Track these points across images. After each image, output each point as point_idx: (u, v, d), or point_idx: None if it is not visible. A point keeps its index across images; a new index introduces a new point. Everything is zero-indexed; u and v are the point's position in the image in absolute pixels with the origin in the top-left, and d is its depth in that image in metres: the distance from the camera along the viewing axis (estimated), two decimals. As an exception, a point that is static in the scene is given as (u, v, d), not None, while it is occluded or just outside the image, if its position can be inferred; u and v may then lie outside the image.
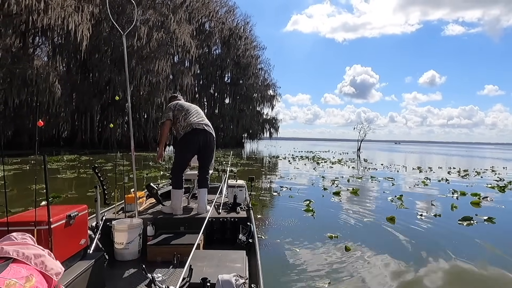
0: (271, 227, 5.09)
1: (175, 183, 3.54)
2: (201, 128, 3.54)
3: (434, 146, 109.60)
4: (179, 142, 3.55)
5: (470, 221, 5.62)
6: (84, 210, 2.25)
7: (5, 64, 20.60)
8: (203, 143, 3.56)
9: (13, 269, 1.26)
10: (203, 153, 3.64)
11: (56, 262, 1.49)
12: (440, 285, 3.14)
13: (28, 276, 1.27)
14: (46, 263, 1.39)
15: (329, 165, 17.90)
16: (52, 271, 1.39)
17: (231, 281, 1.96)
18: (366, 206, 6.90)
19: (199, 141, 3.53)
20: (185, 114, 3.56)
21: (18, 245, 1.41)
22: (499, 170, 17.10)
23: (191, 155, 3.65)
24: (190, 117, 3.56)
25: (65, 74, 26.66)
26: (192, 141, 3.51)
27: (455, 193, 8.60)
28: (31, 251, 1.40)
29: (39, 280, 1.31)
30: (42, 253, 1.43)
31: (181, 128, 3.55)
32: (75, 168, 12.90)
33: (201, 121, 3.60)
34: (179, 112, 3.58)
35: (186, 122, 3.53)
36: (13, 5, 19.75)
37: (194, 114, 3.61)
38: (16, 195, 6.94)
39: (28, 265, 1.33)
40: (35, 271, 1.33)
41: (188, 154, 3.62)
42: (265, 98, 47.67)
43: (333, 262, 3.63)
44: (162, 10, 29.70)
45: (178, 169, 3.57)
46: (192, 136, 3.50)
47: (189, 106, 3.69)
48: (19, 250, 1.36)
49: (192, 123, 3.52)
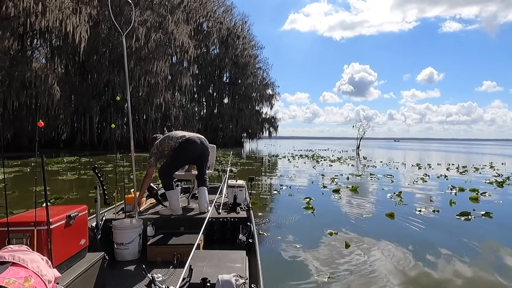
0: (272, 224, 5.12)
1: (166, 185, 3.51)
2: (194, 139, 3.54)
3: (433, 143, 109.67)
4: (175, 150, 3.52)
5: (468, 216, 5.67)
6: (84, 210, 2.26)
7: (4, 67, 20.58)
8: (199, 152, 3.58)
9: (12, 270, 1.28)
10: (201, 160, 3.67)
11: (50, 270, 1.50)
12: (439, 279, 3.17)
13: (27, 277, 1.29)
14: (41, 268, 1.41)
15: (328, 163, 17.92)
16: (45, 277, 1.41)
17: (231, 281, 1.97)
18: (366, 203, 6.93)
19: (195, 150, 3.54)
20: (169, 139, 3.53)
21: (15, 251, 1.43)
22: (497, 166, 17.14)
23: (185, 163, 3.67)
24: (177, 134, 3.57)
25: (64, 76, 26.63)
26: (188, 150, 3.51)
27: (454, 189, 8.64)
28: (28, 256, 1.42)
29: (37, 282, 1.33)
30: (38, 259, 1.45)
31: (174, 142, 3.52)
32: (75, 169, 12.91)
33: (191, 134, 3.63)
34: (162, 144, 3.55)
35: (175, 139, 3.51)
36: (11, 7, 19.73)
37: (180, 132, 3.62)
38: (18, 197, 6.96)
39: (26, 268, 1.35)
40: (33, 274, 1.35)
41: (181, 161, 3.63)
42: (264, 97, 47.64)
43: (333, 257, 3.67)
44: (160, 10, 29.65)
45: (167, 171, 3.53)
46: (187, 145, 3.49)
47: (170, 132, 3.69)
48: (15, 255, 1.38)
49: (183, 135, 3.53)
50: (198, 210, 3.62)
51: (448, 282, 3.12)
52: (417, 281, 3.12)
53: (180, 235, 3.04)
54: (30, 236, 1.84)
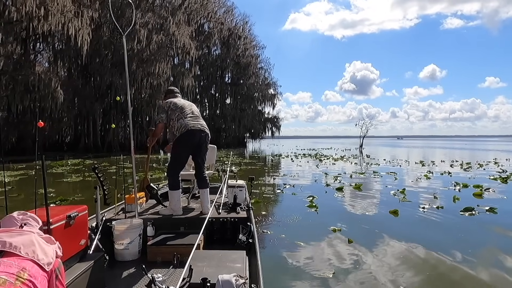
0: (276, 223, 5.13)
1: (172, 185, 3.49)
2: (197, 129, 3.48)
3: (437, 140, 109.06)
4: (175, 143, 3.47)
5: (471, 211, 5.65)
6: (84, 210, 2.26)
7: (7, 71, 20.76)
8: (198, 143, 3.51)
9: (3, 263, 1.14)
10: (197, 152, 3.59)
11: (50, 249, 1.34)
12: (443, 275, 3.15)
13: (20, 270, 1.14)
14: (37, 252, 1.25)
15: (331, 162, 17.88)
16: (43, 260, 1.25)
17: (231, 281, 1.96)
18: (369, 200, 6.92)
19: (194, 141, 3.48)
20: (178, 115, 3.47)
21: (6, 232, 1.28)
22: (502, 162, 17.01)
23: (187, 155, 3.60)
24: (185, 118, 3.46)
25: (67, 79, 26.81)
26: (187, 142, 3.45)
27: (458, 186, 8.58)
28: (20, 239, 1.24)
29: (33, 272, 1.18)
30: (32, 240, 1.28)
31: (175, 130, 3.46)
32: (80, 172, 13.00)
33: (196, 122, 3.53)
34: (172, 112, 3.49)
35: (180, 123, 3.44)
36: (14, 12, 19.90)
37: (189, 114, 3.52)
38: (23, 200, 7.02)
39: (19, 256, 1.19)
40: (27, 263, 1.19)
41: (184, 154, 3.56)
42: (266, 97, 47.57)
43: (336, 254, 3.68)
44: (161, 12, 29.74)
45: (174, 170, 3.52)
46: (187, 137, 3.43)
47: (183, 105, 3.57)
48: (6, 241, 1.21)
49: (187, 124, 3.43)
50: (198, 210, 3.62)
51: (452, 278, 3.10)
52: (421, 278, 3.10)
53: (180, 235, 3.04)
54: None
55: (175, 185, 3.49)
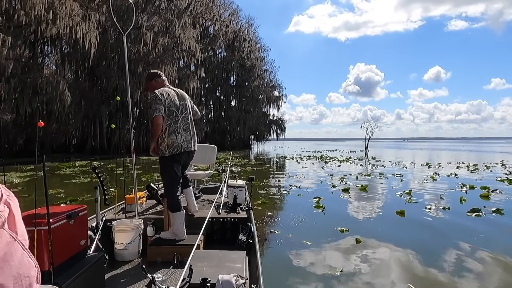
0: (283, 223, 5.14)
1: (172, 206, 2.97)
2: (190, 150, 3.08)
3: (443, 142, 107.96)
4: (164, 161, 3.00)
5: (478, 212, 5.60)
6: (84, 210, 2.26)
7: (16, 74, 21.05)
8: (189, 159, 3.20)
9: None
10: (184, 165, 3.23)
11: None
12: (449, 275, 3.11)
13: None
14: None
15: (337, 163, 17.77)
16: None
17: (231, 281, 1.97)
18: (375, 201, 6.88)
19: (187, 160, 3.18)
20: (171, 124, 2.93)
21: None
22: (509, 163, 16.75)
23: (179, 170, 3.12)
24: (177, 134, 2.96)
25: (74, 82, 27.10)
26: (180, 161, 3.07)
27: (464, 187, 8.48)
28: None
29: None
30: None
31: (163, 146, 2.94)
32: (87, 173, 13.11)
33: (189, 139, 3.07)
34: (169, 113, 2.94)
35: (172, 140, 2.93)
36: (23, 16, 20.21)
37: (182, 126, 3.00)
38: (32, 200, 7.10)
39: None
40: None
41: (178, 172, 3.06)
42: (271, 99, 47.62)
43: (344, 253, 3.68)
44: (167, 15, 29.97)
45: (172, 190, 3.01)
46: (180, 158, 3.03)
47: (177, 105, 3.01)
48: None
49: (179, 145, 2.95)
50: (198, 211, 3.60)
51: (458, 279, 3.06)
52: (428, 278, 3.07)
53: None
54: (30, 236, 1.84)
55: (177, 205, 2.97)
